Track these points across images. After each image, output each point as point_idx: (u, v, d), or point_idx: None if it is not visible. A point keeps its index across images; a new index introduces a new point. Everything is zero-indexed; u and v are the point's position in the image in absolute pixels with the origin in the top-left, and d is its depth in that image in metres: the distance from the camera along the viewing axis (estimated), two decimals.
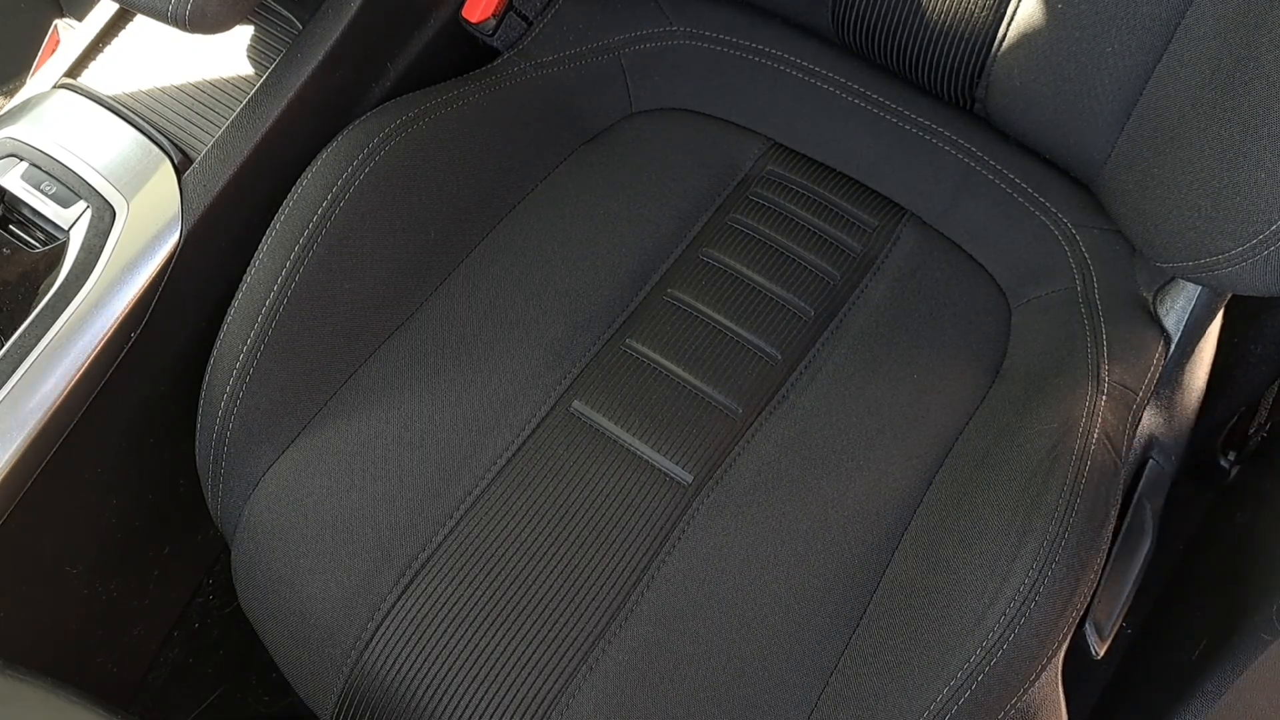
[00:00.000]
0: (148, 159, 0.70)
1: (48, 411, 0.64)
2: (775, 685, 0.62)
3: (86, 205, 0.68)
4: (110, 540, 0.76)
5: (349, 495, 0.67)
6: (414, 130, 0.74)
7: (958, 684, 0.57)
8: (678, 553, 0.66)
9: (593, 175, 0.82)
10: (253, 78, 0.74)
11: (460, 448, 0.69)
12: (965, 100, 0.77)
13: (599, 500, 0.67)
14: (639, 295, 0.76)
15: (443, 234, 0.76)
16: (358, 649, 0.63)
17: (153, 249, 0.68)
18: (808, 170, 0.82)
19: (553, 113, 0.83)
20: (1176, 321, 0.72)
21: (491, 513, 0.67)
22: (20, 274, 0.68)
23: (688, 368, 0.72)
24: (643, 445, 0.69)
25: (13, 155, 0.70)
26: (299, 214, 0.70)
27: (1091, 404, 0.66)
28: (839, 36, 0.80)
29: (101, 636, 0.80)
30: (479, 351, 0.73)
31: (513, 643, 0.63)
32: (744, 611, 0.64)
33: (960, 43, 0.73)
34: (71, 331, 0.65)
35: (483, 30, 0.83)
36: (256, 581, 0.68)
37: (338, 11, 0.74)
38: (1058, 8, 0.68)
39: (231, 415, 0.68)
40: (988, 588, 0.59)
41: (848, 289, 0.77)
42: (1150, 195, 0.66)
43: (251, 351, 0.68)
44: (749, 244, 0.78)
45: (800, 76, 0.84)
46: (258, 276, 0.69)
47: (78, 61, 0.75)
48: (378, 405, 0.70)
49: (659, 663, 0.63)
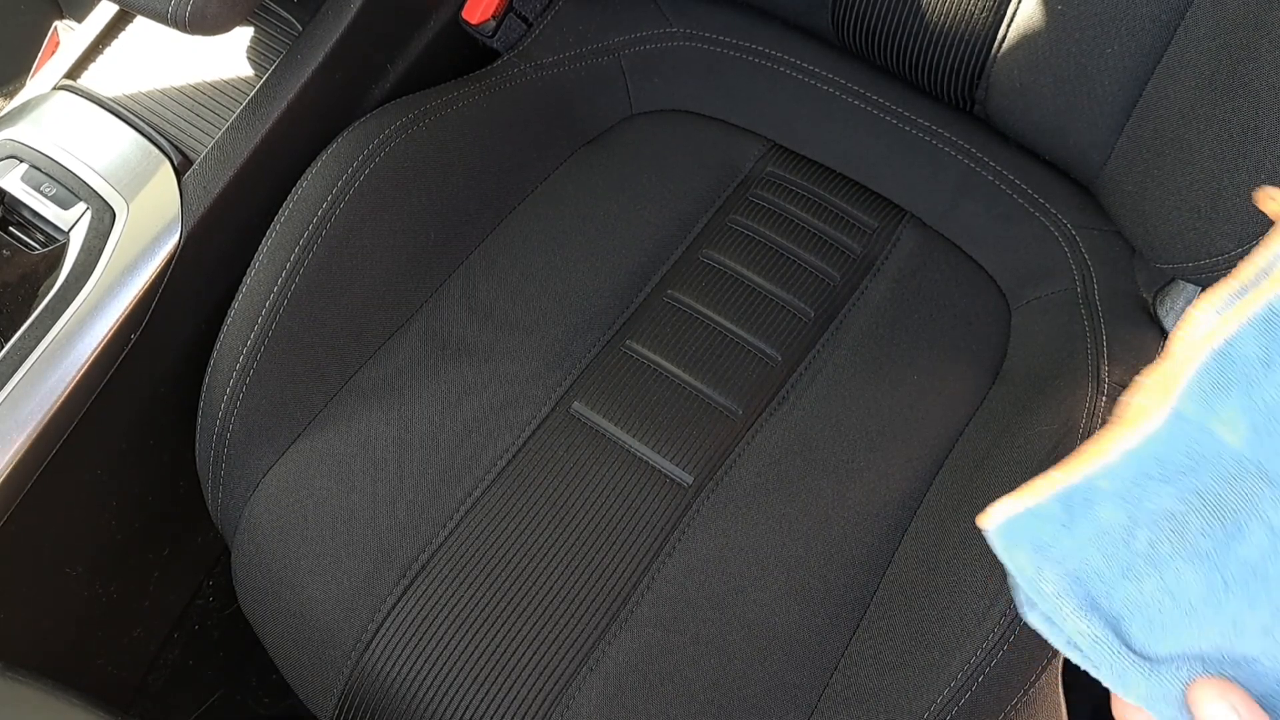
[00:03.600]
0: (147, 160, 0.70)
1: (48, 412, 0.64)
2: (775, 685, 0.62)
3: (86, 207, 0.68)
4: (110, 542, 0.76)
5: (349, 496, 0.67)
6: (414, 131, 0.74)
7: (958, 684, 0.57)
8: (678, 554, 0.66)
9: (593, 176, 0.82)
10: (253, 79, 0.74)
11: (460, 449, 0.69)
12: (965, 101, 0.77)
13: (599, 501, 0.67)
14: (639, 296, 0.76)
15: (443, 235, 0.76)
16: (358, 650, 0.63)
17: (152, 250, 0.68)
18: (808, 171, 0.82)
19: (553, 114, 0.83)
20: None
21: (492, 514, 0.66)
22: (20, 275, 0.68)
23: (688, 369, 0.72)
24: (643, 446, 0.69)
25: (13, 157, 0.70)
26: (299, 215, 0.70)
27: (1092, 405, 0.66)
28: (839, 38, 0.81)
29: (101, 638, 0.79)
30: (479, 353, 0.73)
31: (513, 644, 0.62)
32: (744, 612, 0.64)
33: (960, 44, 0.73)
34: (71, 333, 0.65)
35: (482, 32, 0.83)
36: (256, 583, 0.67)
37: (338, 13, 0.74)
38: (1058, 9, 0.68)
39: (231, 416, 0.68)
40: (988, 588, 0.59)
41: (848, 290, 0.77)
42: (1150, 196, 0.66)
43: (251, 353, 0.68)
44: (749, 245, 0.78)
45: (800, 78, 0.84)
46: (258, 278, 0.69)
47: (77, 63, 0.75)
48: (378, 406, 0.70)
49: (659, 663, 0.62)
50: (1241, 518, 0.30)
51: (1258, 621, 0.31)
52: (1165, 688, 0.32)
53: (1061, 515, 0.32)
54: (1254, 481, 0.30)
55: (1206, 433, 0.30)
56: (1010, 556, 0.32)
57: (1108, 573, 0.31)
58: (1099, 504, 0.31)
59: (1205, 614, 0.31)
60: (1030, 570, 0.32)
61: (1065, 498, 0.32)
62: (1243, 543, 0.30)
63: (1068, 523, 0.32)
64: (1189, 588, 0.31)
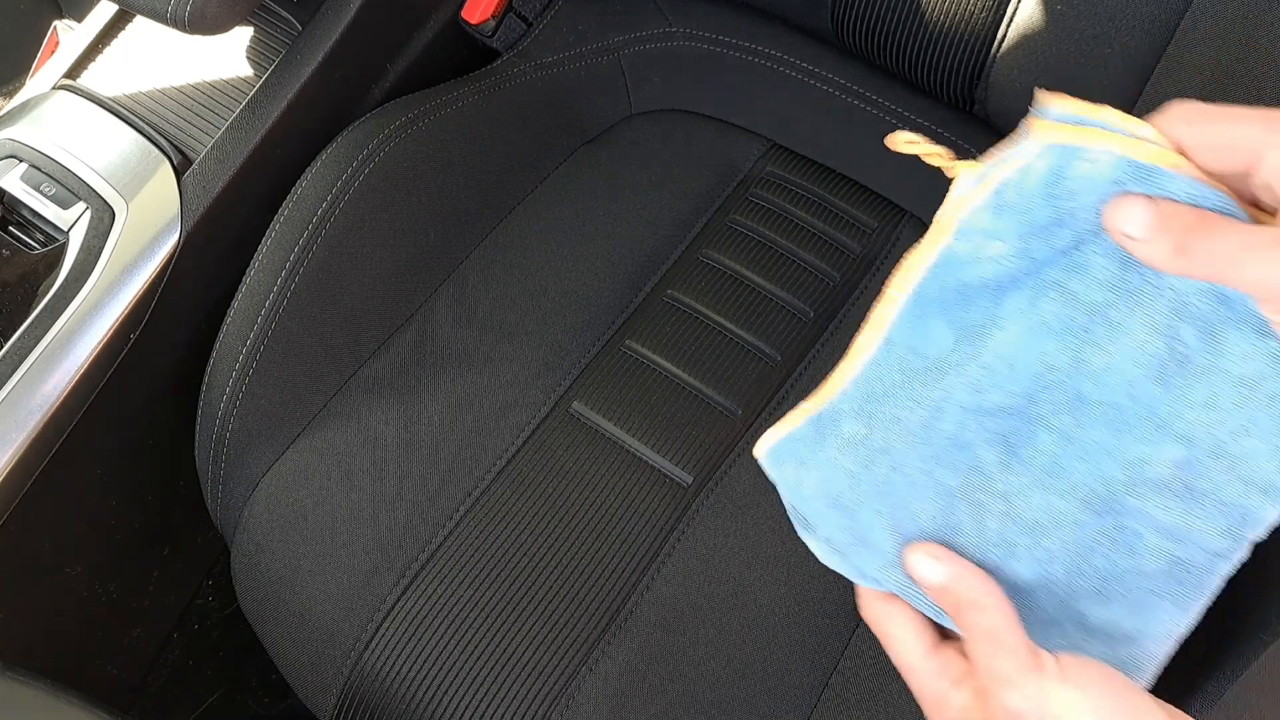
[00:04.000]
0: (147, 160, 0.70)
1: (48, 412, 0.64)
2: (775, 686, 0.62)
3: (86, 206, 0.68)
4: (110, 541, 0.76)
5: (348, 496, 0.67)
6: (414, 131, 0.74)
7: None
8: (678, 554, 0.66)
9: (592, 176, 0.82)
10: (252, 79, 0.74)
11: (460, 449, 0.69)
12: (965, 101, 0.77)
13: (599, 501, 0.67)
14: (638, 296, 0.76)
15: (442, 235, 0.76)
16: (357, 650, 0.63)
17: (152, 250, 0.68)
18: (807, 171, 0.82)
19: (552, 114, 0.83)
20: None
21: (491, 514, 0.66)
22: (20, 275, 0.68)
23: (687, 369, 0.72)
24: (642, 446, 0.69)
25: (12, 156, 0.70)
26: (298, 215, 0.70)
27: None
28: (838, 37, 0.81)
29: (101, 638, 0.79)
30: (478, 352, 0.73)
31: (513, 644, 0.62)
32: (744, 612, 0.64)
33: (960, 44, 0.73)
34: (71, 332, 0.65)
35: (482, 31, 0.83)
36: (256, 583, 0.68)
37: (337, 13, 0.74)
38: (1057, 9, 0.68)
39: (231, 416, 0.68)
40: None
41: (847, 290, 0.77)
42: None
43: (251, 352, 0.68)
44: (748, 245, 0.78)
45: (800, 77, 0.84)
46: (257, 277, 0.69)
47: (77, 63, 0.75)
48: (377, 406, 0.70)
49: (659, 663, 0.62)
50: (941, 404, 0.38)
51: (958, 484, 0.39)
52: (893, 570, 0.40)
53: (814, 435, 0.40)
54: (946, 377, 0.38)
55: (911, 350, 0.38)
56: (778, 473, 0.41)
57: (853, 469, 0.39)
58: (842, 421, 0.39)
59: (923, 483, 0.39)
60: (794, 479, 0.41)
61: (816, 421, 0.40)
62: (942, 420, 0.38)
63: (819, 440, 0.40)
64: (909, 463, 0.39)
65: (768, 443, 0.41)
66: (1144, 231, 0.34)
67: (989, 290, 0.37)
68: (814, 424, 0.40)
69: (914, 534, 0.40)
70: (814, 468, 0.40)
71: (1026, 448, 0.39)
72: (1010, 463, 0.39)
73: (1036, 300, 0.37)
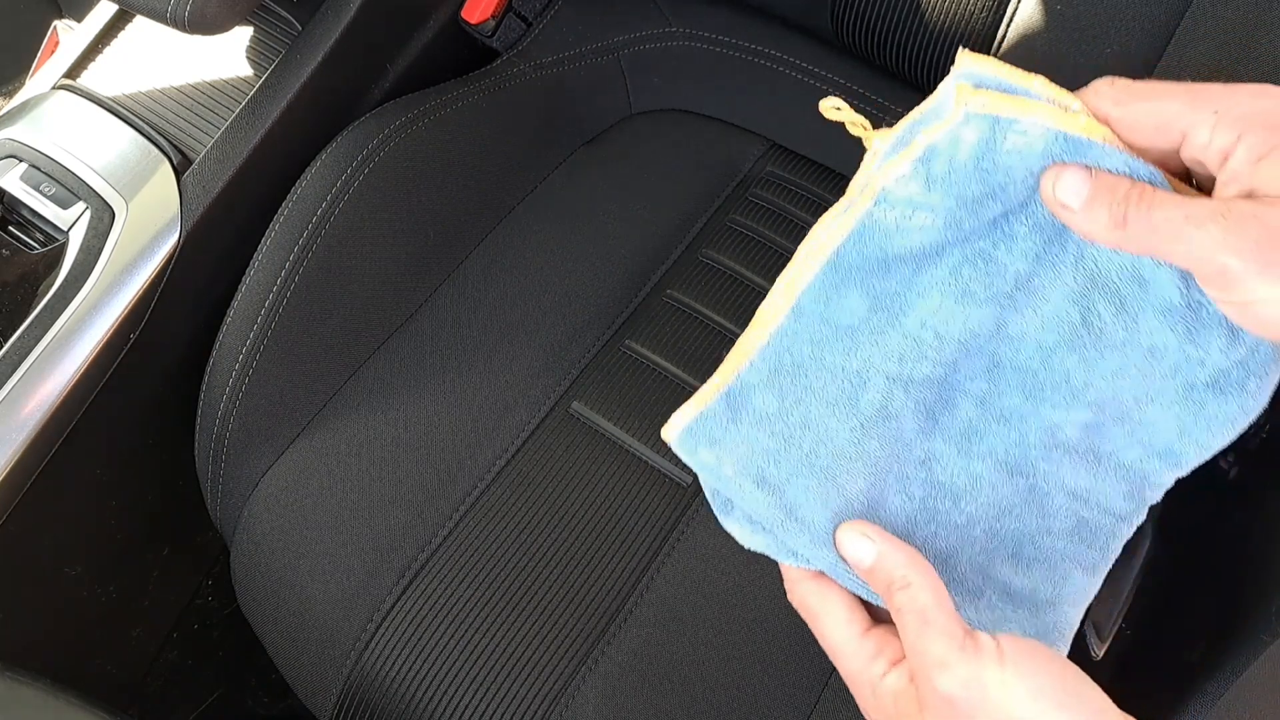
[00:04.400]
0: (147, 160, 0.70)
1: (47, 412, 0.64)
2: (775, 685, 0.62)
3: (86, 206, 0.68)
4: (110, 541, 0.76)
5: (348, 496, 0.67)
6: (413, 131, 0.74)
7: None
8: (678, 553, 0.66)
9: (592, 176, 0.82)
10: (252, 79, 0.74)
11: (459, 449, 0.69)
12: None
13: (599, 501, 0.67)
14: (638, 296, 0.76)
15: (442, 235, 0.76)
16: (357, 650, 0.63)
17: (152, 250, 0.68)
18: (807, 171, 0.82)
19: (552, 114, 0.83)
20: None
21: (491, 514, 0.66)
22: (19, 275, 0.68)
23: (687, 369, 0.72)
24: (642, 446, 0.69)
25: (12, 156, 0.70)
26: (298, 215, 0.70)
27: None
28: (838, 37, 0.81)
29: (100, 638, 0.79)
30: (478, 352, 0.73)
31: (513, 643, 0.62)
32: (744, 612, 0.64)
33: (960, 44, 0.73)
34: (71, 332, 0.65)
35: (482, 31, 0.83)
36: (256, 583, 0.67)
37: (337, 12, 0.74)
38: (1057, 9, 0.68)
39: (231, 416, 0.68)
40: None
41: None
42: None
43: (251, 352, 0.68)
44: (748, 245, 0.78)
45: (800, 77, 0.84)
46: (257, 277, 0.69)
47: (77, 62, 0.75)
48: (377, 406, 0.70)
49: (659, 663, 0.62)
50: (863, 374, 0.37)
51: (885, 454, 0.38)
52: (823, 549, 0.38)
53: (727, 412, 0.38)
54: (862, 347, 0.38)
55: (822, 319, 0.37)
56: (693, 457, 0.38)
57: (773, 446, 0.38)
58: (753, 395, 0.38)
59: (851, 455, 0.38)
60: (712, 461, 0.38)
61: (727, 396, 0.38)
62: (867, 390, 0.38)
63: (733, 416, 0.38)
64: (835, 435, 0.38)
65: (677, 425, 0.38)
66: (1082, 202, 0.34)
67: (911, 260, 0.37)
68: (726, 400, 0.38)
69: (843, 507, 0.38)
70: (731, 447, 0.38)
71: (946, 414, 0.39)
72: (931, 429, 0.39)
73: (960, 269, 0.37)
